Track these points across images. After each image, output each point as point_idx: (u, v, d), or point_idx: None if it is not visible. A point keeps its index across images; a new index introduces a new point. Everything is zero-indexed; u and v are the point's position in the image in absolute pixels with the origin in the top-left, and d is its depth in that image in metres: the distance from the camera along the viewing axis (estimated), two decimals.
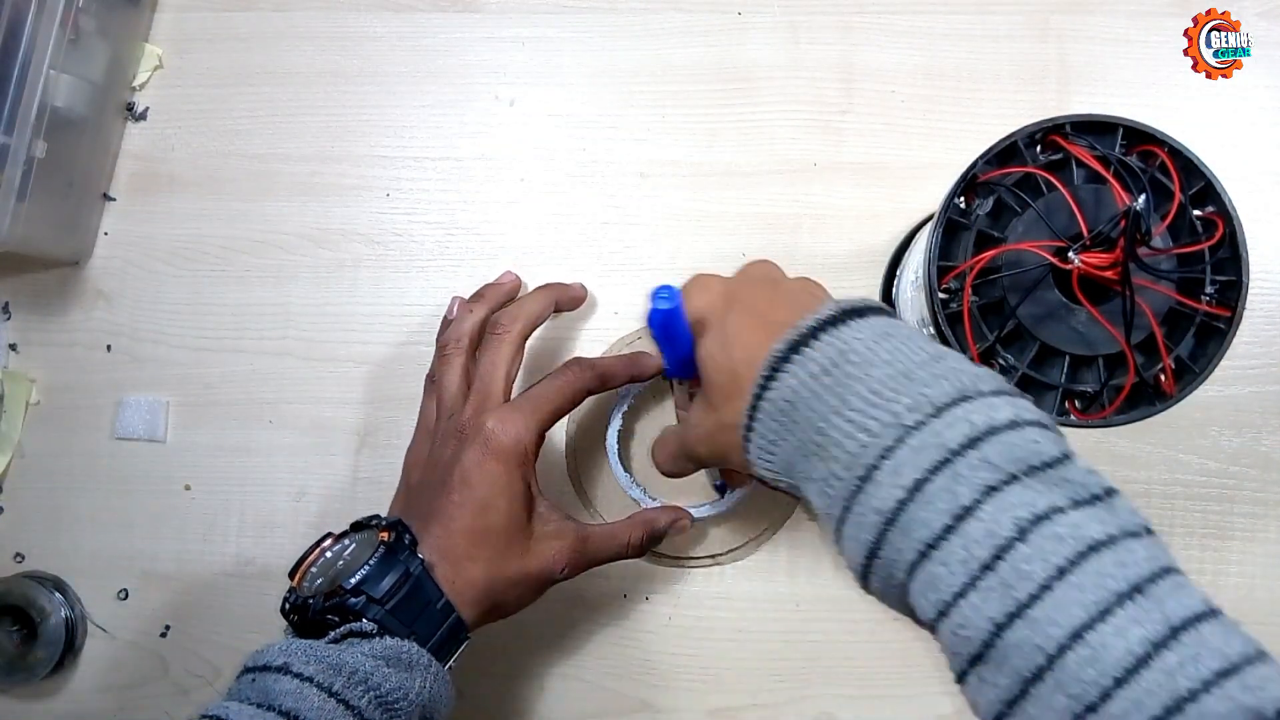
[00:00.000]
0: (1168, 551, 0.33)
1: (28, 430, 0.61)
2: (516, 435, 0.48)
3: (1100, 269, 0.40)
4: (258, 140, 0.61)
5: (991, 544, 0.30)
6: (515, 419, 0.48)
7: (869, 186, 0.59)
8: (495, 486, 0.47)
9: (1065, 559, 0.30)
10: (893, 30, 0.59)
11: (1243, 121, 0.58)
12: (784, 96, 0.59)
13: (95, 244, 0.62)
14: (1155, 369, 0.42)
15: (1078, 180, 0.43)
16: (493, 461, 0.47)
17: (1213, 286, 0.42)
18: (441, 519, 0.46)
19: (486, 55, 0.61)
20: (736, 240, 0.59)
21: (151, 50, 0.62)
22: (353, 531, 0.47)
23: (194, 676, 0.59)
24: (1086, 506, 0.31)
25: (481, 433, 0.48)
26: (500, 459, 0.47)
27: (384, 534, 0.45)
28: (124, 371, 0.61)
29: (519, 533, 0.48)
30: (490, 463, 0.47)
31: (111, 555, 0.60)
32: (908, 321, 0.52)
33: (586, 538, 0.50)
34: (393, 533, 0.45)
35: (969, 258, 0.43)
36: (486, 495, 0.47)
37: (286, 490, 0.60)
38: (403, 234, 0.60)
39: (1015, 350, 0.43)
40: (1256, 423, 0.57)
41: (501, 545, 0.47)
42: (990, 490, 0.31)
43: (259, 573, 0.60)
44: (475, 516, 0.47)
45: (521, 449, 0.48)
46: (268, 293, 0.61)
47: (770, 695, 0.57)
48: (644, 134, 0.60)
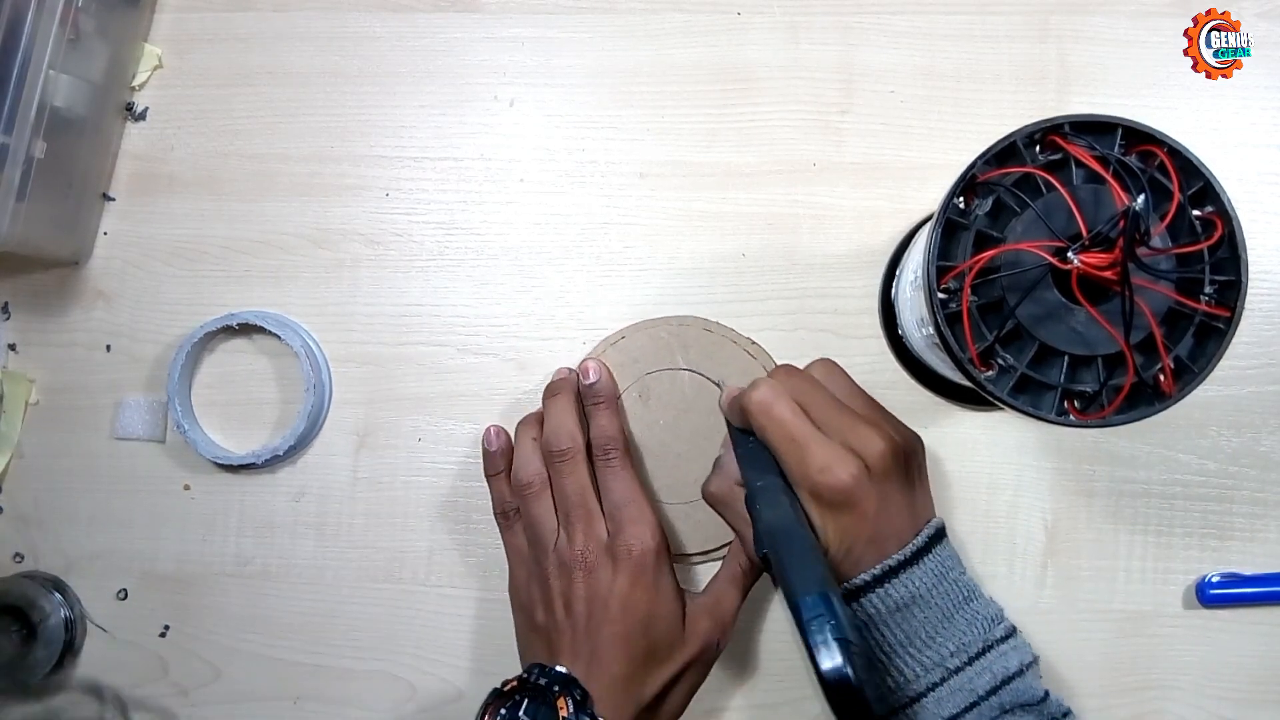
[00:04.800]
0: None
1: (28, 430, 0.61)
2: (654, 534, 0.50)
3: (1099, 269, 0.40)
4: (257, 140, 0.61)
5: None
6: (641, 520, 0.50)
7: (869, 186, 0.59)
8: (654, 598, 0.49)
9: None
10: (893, 30, 0.59)
11: (1243, 121, 0.58)
12: (784, 96, 0.59)
13: (95, 244, 0.62)
14: (1154, 369, 0.42)
15: (1077, 180, 0.43)
16: (646, 574, 0.49)
17: (1212, 286, 0.42)
18: (605, 657, 0.47)
19: (486, 55, 0.61)
20: (736, 240, 0.59)
21: (151, 50, 0.62)
22: (522, 693, 0.46)
23: (194, 676, 0.59)
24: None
25: (627, 552, 0.49)
26: (651, 567, 0.49)
27: (561, 704, 0.44)
28: (124, 371, 0.61)
29: (679, 630, 0.49)
30: (644, 577, 0.49)
31: (111, 555, 0.60)
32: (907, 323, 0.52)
33: (720, 598, 0.51)
34: (568, 699, 0.45)
35: (968, 258, 0.43)
36: (649, 610, 0.48)
37: (286, 490, 0.60)
38: (402, 234, 0.60)
39: (1014, 350, 0.43)
40: (1256, 423, 0.57)
41: (667, 649, 0.49)
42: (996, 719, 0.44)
43: (259, 573, 0.60)
44: (641, 636, 0.48)
45: (661, 546, 0.50)
46: (267, 293, 0.61)
47: (770, 695, 0.57)
48: (643, 134, 0.60)
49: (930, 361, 0.53)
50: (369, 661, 0.59)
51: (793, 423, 0.45)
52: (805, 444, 0.44)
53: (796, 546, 0.42)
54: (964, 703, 0.44)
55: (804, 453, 0.44)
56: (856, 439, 0.45)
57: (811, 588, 0.39)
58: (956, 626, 0.45)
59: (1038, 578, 0.57)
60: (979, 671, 0.45)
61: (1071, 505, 0.57)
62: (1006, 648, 0.46)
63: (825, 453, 0.44)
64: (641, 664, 0.48)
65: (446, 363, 0.60)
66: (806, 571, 0.40)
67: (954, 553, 0.48)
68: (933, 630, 0.45)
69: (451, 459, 0.59)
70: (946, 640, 0.45)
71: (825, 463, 0.44)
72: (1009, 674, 0.45)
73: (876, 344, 0.58)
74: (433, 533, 0.59)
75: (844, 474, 0.43)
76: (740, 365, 0.57)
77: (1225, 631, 0.56)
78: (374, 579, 0.59)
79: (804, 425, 0.45)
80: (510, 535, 0.54)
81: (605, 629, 0.48)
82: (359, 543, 0.60)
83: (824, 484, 0.44)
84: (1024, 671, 0.46)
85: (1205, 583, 0.56)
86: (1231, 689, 0.56)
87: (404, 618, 0.59)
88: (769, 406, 0.45)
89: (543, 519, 0.52)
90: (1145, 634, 0.56)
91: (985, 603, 0.47)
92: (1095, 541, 0.57)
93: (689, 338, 0.58)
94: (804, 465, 0.44)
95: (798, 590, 0.39)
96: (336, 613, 0.59)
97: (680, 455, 0.57)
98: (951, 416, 0.57)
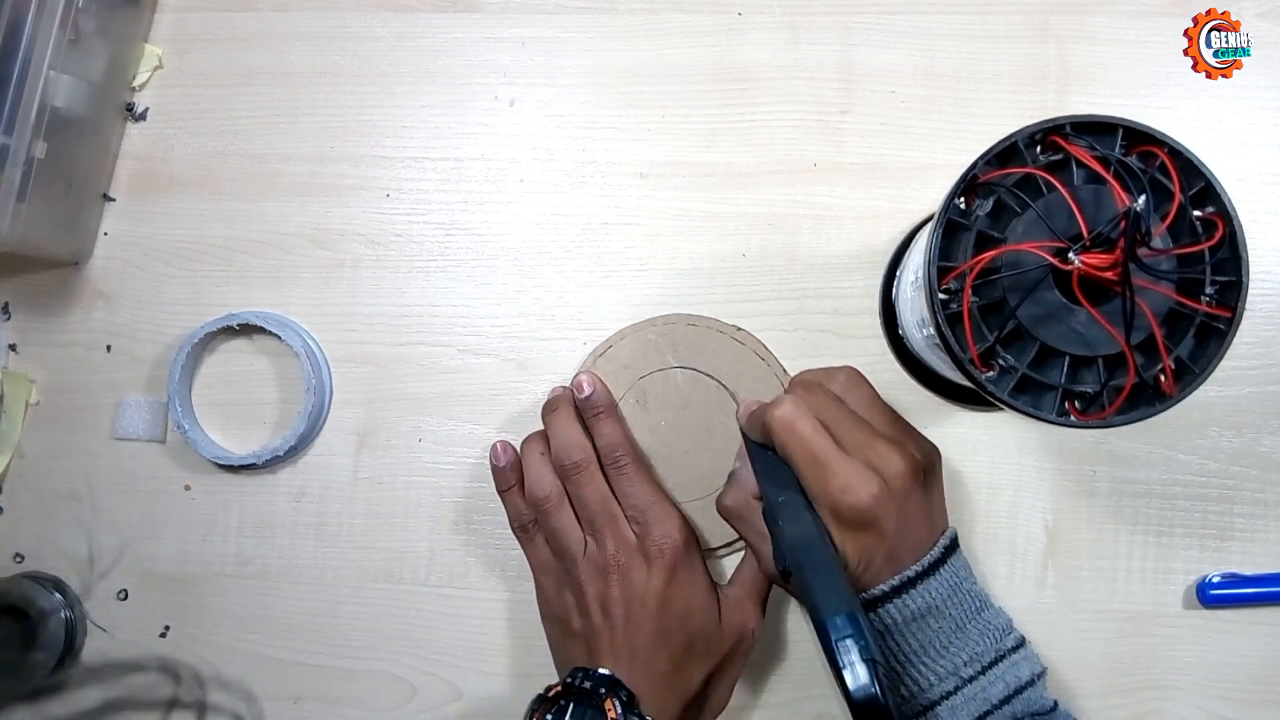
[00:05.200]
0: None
1: (28, 430, 0.61)
2: (681, 531, 0.51)
3: (1100, 269, 0.40)
4: (257, 140, 0.61)
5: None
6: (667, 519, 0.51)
7: (869, 187, 0.59)
8: (690, 592, 0.49)
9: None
10: (893, 30, 0.59)
11: (1243, 121, 0.58)
12: (784, 97, 0.59)
13: (95, 244, 0.62)
14: (1155, 369, 0.42)
15: (1078, 181, 0.43)
16: (680, 570, 0.49)
17: (1212, 287, 0.42)
18: (646, 656, 0.48)
19: (486, 55, 0.61)
20: (736, 241, 0.59)
21: (151, 50, 0.62)
22: (567, 698, 0.46)
23: (193, 676, 0.59)
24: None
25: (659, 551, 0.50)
26: (683, 563, 0.50)
27: (609, 706, 0.45)
28: (124, 371, 0.61)
29: (716, 623, 0.50)
30: (679, 573, 0.49)
31: (111, 555, 0.60)
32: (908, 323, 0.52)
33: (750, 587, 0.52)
34: (615, 701, 0.45)
35: (969, 258, 0.43)
36: (686, 605, 0.49)
37: (286, 490, 0.60)
38: (402, 234, 0.60)
39: (1015, 350, 0.43)
40: (1256, 423, 0.57)
41: (705, 643, 0.49)
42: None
43: (259, 573, 0.60)
44: (680, 631, 0.49)
45: (691, 541, 0.51)
46: (267, 293, 0.61)
47: (770, 695, 0.57)
48: (643, 134, 0.60)
49: (931, 362, 0.53)
50: (369, 661, 0.59)
51: (815, 440, 0.45)
52: (827, 462, 0.45)
53: (822, 564, 0.43)
54: (977, 711, 0.45)
55: (825, 471, 0.44)
56: (877, 457, 0.45)
57: (840, 607, 0.40)
58: (969, 636, 0.46)
59: (1038, 578, 0.57)
60: (992, 680, 0.45)
61: (1072, 505, 0.57)
62: (1018, 657, 0.47)
63: (847, 472, 0.44)
64: (682, 659, 0.48)
65: (447, 363, 0.60)
66: (833, 590, 0.41)
67: (966, 563, 0.48)
68: (946, 640, 0.45)
69: (452, 459, 0.59)
70: (960, 650, 0.45)
71: (847, 482, 0.44)
72: (1021, 684, 0.46)
73: (877, 344, 0.58)
74: (433, 533, 0.59)
75: (865, 494, 0.44)
76: (731, 354, 0.57)
77: (1225, 632, 0.56)
78: (374, 579, 0.59)
79: (826, 443, 0.45)
80: (532, 548, 0.54)
81: (645, 628, 0.48)
82: (359, 543, 0.60)
83: (845, 504, 0.44)
84: (1035, 681, 0.46)
85: (1205, 583, 0.56)
86: (1231, 689, 0.56)
87: (404, 618, 0.59)
88: (792, 424, 0.46)
89: (567, 530, 0.52)
90: (1145, 634, 0.57)
91: (996, 613, 0.48)
92: (1095, 541, 0.57)
93: (676, 335, 0.58)
94: (825, 484, 0.44)
95: (825, 610, 0.40)
96: (336, 613, 0.59)
97: (687, 452, 0.57)
98: (952, 417, 0.57)
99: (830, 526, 0.45)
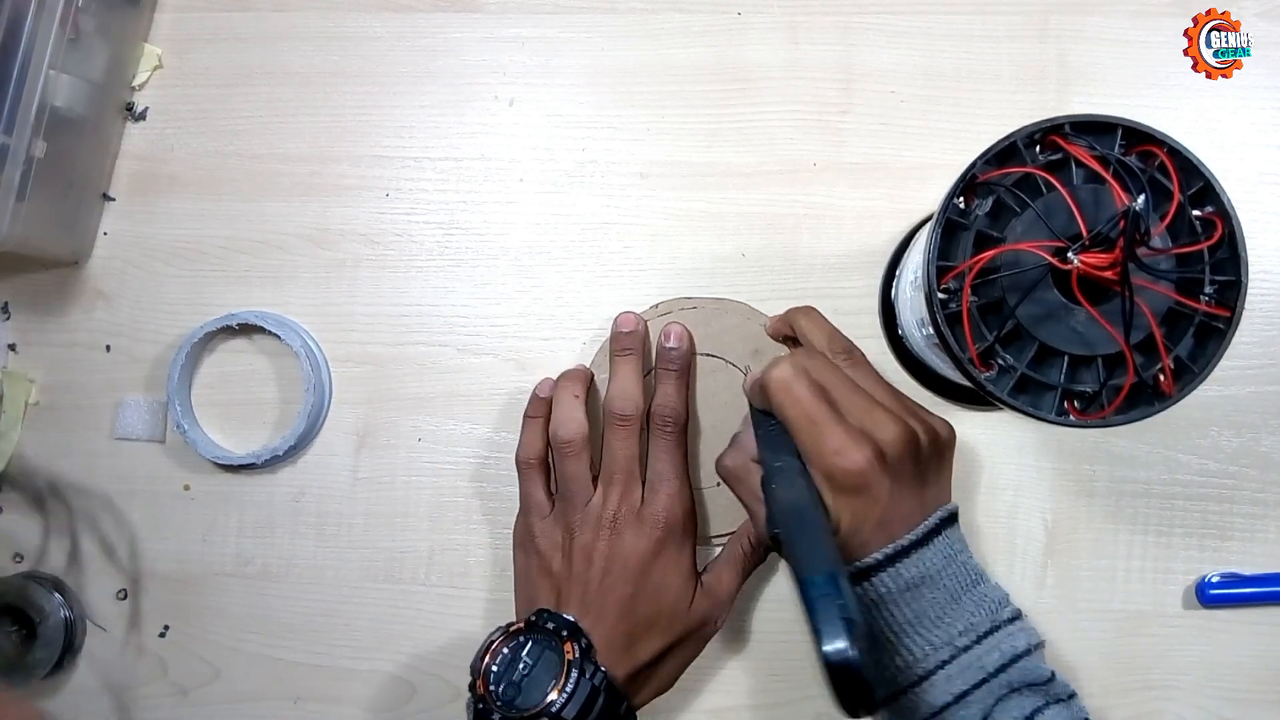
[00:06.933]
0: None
1: (28, 430, 0.61)
2: (684, 510, 0.52)
3: (1099, 269, 0.40)
4: (257, 140, 0.61)
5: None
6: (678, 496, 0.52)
7: (868, 187, 0.59)
8: (670, 569, 0.51)
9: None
10: (892, 30, 0.59)
11: (1242, 121, 0.58)
12: (783, 97, 0.59)
13: (95, 244, 0.62)
14: (1154, 369, 0.42)
15: (1077, 180, 0.43)
16: (669, 545, 0.51)
17: (1212, 286, 0.42)
18: (611, 614, 0.49)
19: (486, 55, 0.61)
20: (736, 240, 0.59)
21: (151, 50, 0.62)
22: (527, 632, 0.48)
23: (194, 676, 0.59)
24: (1059, 704, 0.45)
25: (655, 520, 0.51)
26: (674, 540, 0.51)
27: (568, 648, 0.47)
28: (124, 371, 0.61)
29: (685, 605, 0.51)
30: (668, 548, 0.51)
31: (111, 555, 0.60)
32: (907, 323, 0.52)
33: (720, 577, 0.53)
34: (574, 645, 0.47)
35: (968, 258, 0.43)
36: (662, 579, 0.50)
37: (286, 490, 0.60)
38: (402, 234, 0.60)
39: (1014, 350, 0.43)
40: (1256, 423, 0.57)
41: (668, 619, 0.50)
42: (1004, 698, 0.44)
43: (258, 573, 0.60)
44: (649, 602, 0.50)
45: (690, 524, 0.52)
46: (267, 293, 0.61)
47: (769, 695, 0.57)
48: (643, 134, 0.60)
49: (930, 361, 0.53)
50: (369, 661, 0.59)
51: (810, 403, 0.45)
52: (821, 425, 0.44)
53: (808, 527, 0.42)
54: (973, 680, 0.44)
55: (819, 433, 0.44)
56: (873, 424, 0.45)
57: (820, 567, 0.39)
58: (964, 607, 0.46)
59: (1038, 578, 0.57)
60: (988, 649, 0.45)
61: (1071, 505, 0.57)
62: (1014, 628, 0.46)
63: (840, 435, 0.44)
64: (644, 629, 0.49)
65: (446, 363, 0.60)
66: (816, 551, 0.41)
67: (962, 537, 0.48)
68: (941, 610, 0.45)
69: (451, 459, 0.59)
70: (955, 620, 0.45)
71: (840, 445, 0.44)
72: (1017, 652, 0.45)
73: (876, 344, 0.58)
74: (433, 533, 0.59)
75: (858, 457, 0.44)
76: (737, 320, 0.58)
77: (1225, 631, 0.56)
78: (374, 579, 0.59)
79: (821, 406, 0.45)
80: (529, 484, 0.55)
81: (617, 589, 0.49)
82: (359, 543, 0.60)
83: (837, 466, 0.44)
84: (1032, 651, 0.46)
85: (1205, 583, 0.56)
86: (1231, 689, 0.56)
87: (404, 618, 0.59)
88: (788, 385, 0.45)
89: (579, 477, 0.53)
90: (1145, 634, 0.56)
91: (992, 586, 0.47)
92: (1095, 541, 0.57)
93: (687, 322, 0.57)
94: (819, 446, 0.44)
95: (805, 569, 0.40)
96: (336, 613, 0.59)
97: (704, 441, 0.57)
98: (951, 416, 0.57)
99: (823, 490, 0.45)
